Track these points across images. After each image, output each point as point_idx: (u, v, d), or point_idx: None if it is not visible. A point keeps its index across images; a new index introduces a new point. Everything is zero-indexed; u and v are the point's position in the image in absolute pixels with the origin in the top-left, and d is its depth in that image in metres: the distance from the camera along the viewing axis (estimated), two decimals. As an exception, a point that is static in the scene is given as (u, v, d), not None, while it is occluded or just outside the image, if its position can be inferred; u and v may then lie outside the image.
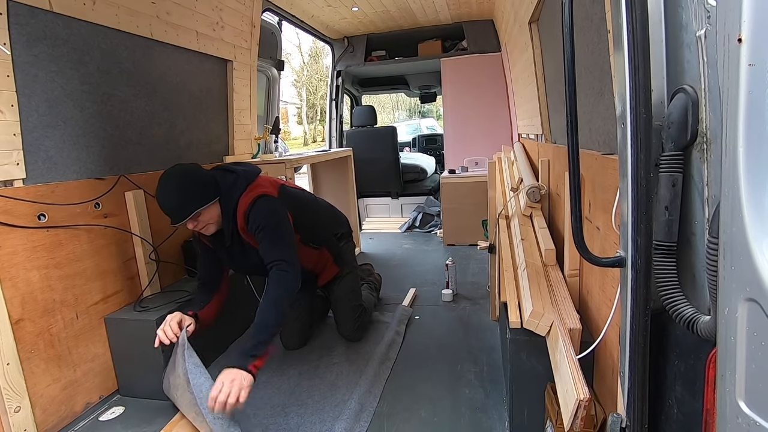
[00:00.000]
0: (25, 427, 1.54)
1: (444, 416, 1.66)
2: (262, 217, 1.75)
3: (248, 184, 1.82)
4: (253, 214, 1.75)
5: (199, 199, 1.69)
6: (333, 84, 5.02)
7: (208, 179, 1.75)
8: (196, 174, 1.73)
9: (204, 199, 1.70)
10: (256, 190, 1.80)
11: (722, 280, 0.62)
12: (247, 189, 1.80)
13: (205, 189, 1.72)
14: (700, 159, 0.75)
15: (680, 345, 0.83)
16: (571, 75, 0.86)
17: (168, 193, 1.67)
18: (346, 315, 2.22)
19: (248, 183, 1.82)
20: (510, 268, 1.80)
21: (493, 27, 4.48)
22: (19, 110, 1.58)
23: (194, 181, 1.71)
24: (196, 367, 1.60)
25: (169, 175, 1.69)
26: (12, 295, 1.54)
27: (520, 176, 2.46)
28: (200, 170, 1.77)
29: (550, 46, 2.16)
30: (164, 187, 1.68)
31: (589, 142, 1.45)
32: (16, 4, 1.55)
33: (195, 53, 2.54)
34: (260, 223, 1.75)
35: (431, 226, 4.63)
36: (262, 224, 1.75)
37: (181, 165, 1.76)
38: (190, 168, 1.75)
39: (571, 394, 1.01)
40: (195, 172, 1.74)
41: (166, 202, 1.68)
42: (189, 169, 1.75)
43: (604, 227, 1.24)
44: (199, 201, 1.69)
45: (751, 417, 0.55)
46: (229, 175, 1.82)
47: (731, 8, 0.57)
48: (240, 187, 1.79)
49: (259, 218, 1.75)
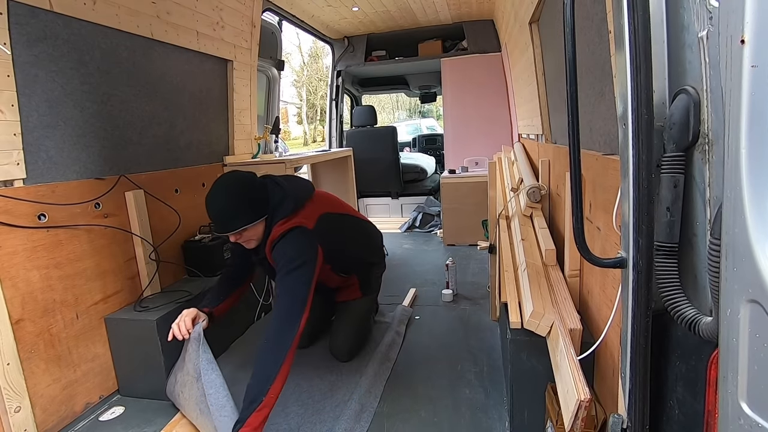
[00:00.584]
0: (25, 427, 1.54)
1: (444, 416, 1.66)
2: (286, 247, 1.67)
3: (293, 209, 1.73)
4: (280, 246, 1.68)
5: (250, 216, 1.65)
6: (333, 84, 5.02)
7: (261, 195, 1.69)
8: (252, 187, 1.67)
9: (254, 216, 1.66)
10: (294, 220, 1.72)
11: (724, 281, 0.61)
12: (288, 216, 1.72)
13: (258, 206, 1.67)
14: (702, 160, 0.75)
15: (682, 346, 0.83)
16: (572, 75, 0.86)
17: (220, 202, 1.63)
18: (346, 339, 2.11)
19: (294, 209, 1.73)
20: (510, 269, 1.80)
21: (493, 27, 4.48)
22: (19, 110, 1.58)
23: (249, 195, 1.66)
24: (209, 363, 1.57)
25: (224, 183, 1.65)
26: (12, 295, 1.54)
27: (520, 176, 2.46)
28: (256, 183, 1.70)
29: (550, 46, 2.16)
30: (218, 195, 1.63)
31: (589, 143, 1.44)
32: (17, 4, 1.55)
33: (195, 53, 2.54)
34: (282, 251, 1.67)
35: (431, 226, 4.63)
36: (283, 252, 1.66)
37: (238, 174, 1.71)
38: (247, 179, 1.69)
39: (571, 394, 1.01)
40: (251, 185, 1.68)
41: (217, 212, 1.64)
42: (246, 180, 1.69)
43: (605, 228, 1.23)
44: (250, 218, 1.65)
45: (753, 418, 0.55)
46: (278, 192, 1.74)
47: (734, 9, 0.57)
48: (283, 212, 1.72)
49: (284, 247, 1.67)
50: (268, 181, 1.78)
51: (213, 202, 1.64)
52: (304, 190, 1.87)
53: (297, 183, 1.89)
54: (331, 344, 2.12)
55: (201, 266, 2.32)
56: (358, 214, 2.31)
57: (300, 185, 1.88)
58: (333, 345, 2.11)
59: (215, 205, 1.64)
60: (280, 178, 1.84)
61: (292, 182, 1.86)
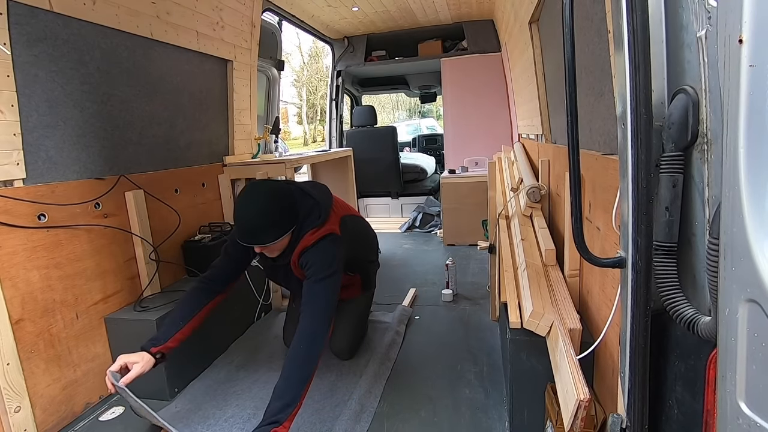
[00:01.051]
0: (25, 427, 1.54)
1: (444, 416, 1.66)
2: (317, 255, 1.65)
3: (323, 217, 1.72)
4: (312, 253, 1.66)
5: (280, 230, 1.62)
6: (333, 84, 5.03)
7: (292, 208, 1.66)
8: (283, 200, 1.64)
9: (286, 229, 1.63)
10: (325, 228, 1.70)
11: (723, 280, 0.62)
12: (319, 225, 1.70)
13: (289, 219, 1.64)
14: (701, 159, 0.75)
15: (681, 346, 0.83)
16: (571, 75, 0.86)
17: (251, 213, 1.59)
18: (348, 338, 2.12)
19: (324, 217, 1.72)
20: (510, 268, 1.80)
21: (493, 27, 4.48)
22: (19, 110, 1.58)
23: (281, 209, 1.62)
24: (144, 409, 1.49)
25: (258, 195, 1.61)
26: (12, 295, 1.54)
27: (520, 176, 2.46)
28: (288, 195, 1.66)
29: (550, 47, 2.16)
30: (249, 206, 1.59)
31: (589, 143, 1.45)
32: (16, 4, 1.55)
33: (195, 53, 2.54)
34: (313, 260, 1.64)
35: (431, 226, 4.63)
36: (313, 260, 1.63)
37: (271, 185, 1.68)
38: (281, 192, 1.65)
39: (571, 394, 1.01)
40: (283, 198, 1.64)
41: (249, 224, 1.59)
42: (280, 193, 1.64)
43: (605, 227, 1.23)
44: (279, 232, 1.62)
45: (751, 418, 0.55)
46: (307, 201, 1.72)
47: (732, 9, 0.57)
48: (313, 220, 1.70)
49: (315, 256, 1.65)
50: (294, 189, 1.75)
51: (245, 214, 1.59)
52: (328, 196, 1.85)
53: (321, 190, 1.86)
54: (333, 343, 2.11)
55: (201, 266, 2.32)
56: (359, 213, 2.32)
57: (323, 191, 1.86)
58: (334, 344, 2.11)
59: (247, 216, 1.59)
60: (305, 185, 1.82)
61: (318, 189, 1.83)
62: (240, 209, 1.61)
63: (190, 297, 1.73)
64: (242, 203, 1.61)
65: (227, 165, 2.86)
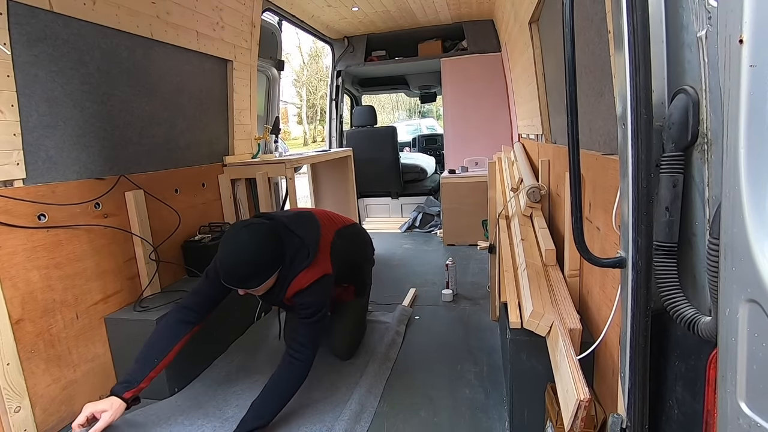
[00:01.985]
0: (25, 427, 1.54)
1: (444, 416, 1.66)
2: (312, 297, 1.68)
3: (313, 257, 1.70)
4: (307, 295, 1.68)
5: (265, 274, 1.60)
6: (333, 84, 5.02)
7: (278, 250, 1.63)
8: (269, 244, 1.60)
9: (269, 273, 1.62)
10: (317, 269, 1.70)
11: (723, 281, 0.62)
12: (310, 266, 1.69)
13: (274, 262, 1.62)
14: (701, 160, 0.75)
15: (681, 346, 0.83)
16: (571, 75, 0.86)
17: (235, 259, 1.55)
18: (347, 339, 2.13)
19: (313, 256, 1.70)
20: (510, 268, 1.80)
21: (493, 27, 4.48)
22: (19, 110, 1.58)
23: (267, 254, 1.59)
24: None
25: (242, 239, 1.57)
26: (12, 295, 1.54)
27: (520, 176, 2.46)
28: (273, 236, 1.62)
29: (550, 46, 2.16)
30: (233, 252, 1.55)
31: (589, 143, 1.45)
32: (16, 4, 1.55)
33: (195, 53, 2.54)
34: (308, 302, 1.67)
35: (431, 226, 4.63)
36: (309, 303, 1.67)
37: (254, 228, 1.61)
38: (264, 234, 1.61)
39: (571, 394, 1.01)
40: (268, 242, 1.60)
41: (231, 269, 1.55)
42: (263, 236, 1.60)
43: (605, 227, 1.23)
44: (265, 276, 1.60)
45: (752, 418, 0.55)
46: (294, 240, 1.69)
47: (732, 9, 0.57)
48: (302, 260, 1.68)
49: (310, 298, 1.68)
50: (281, 228, 1.70)
51: (228, 258, 1.55)
52: (314, 228, 1.81)
53: (306, 224, 1.81)
54: (332, 345, 2.12)
55: (201, 266, 2.31)
56: (348, 219, 2.28)
57: (309, 224, 1.82)
58: (334, 346, 2.12)
59: (230, 261, 1.55)
60: (290, 221, 1.76)
61: (303, 225, 1.78)
62: (224, 253, 1.56)
63: (165, 330, 1.66)
64: (226, 247, 1.56)
65: (227, 165, 2.86)
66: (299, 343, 1.66)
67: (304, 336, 1.67)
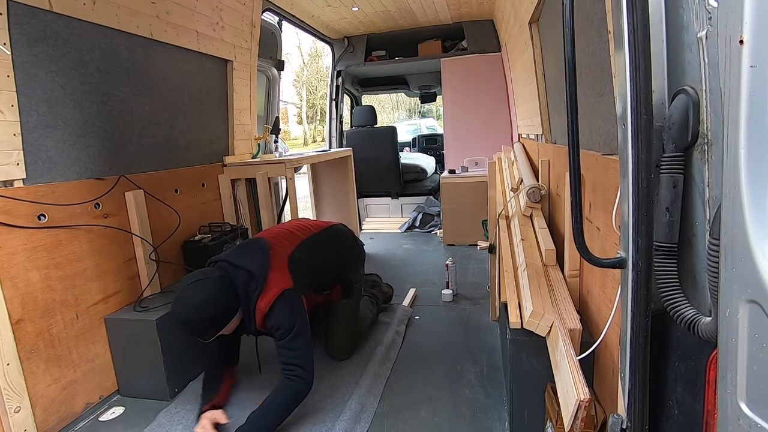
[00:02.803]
0: (25, 427, 1.54)
1: (444, 416, 1.66)
2: (279, 318, 1.66)
3: (263, 282, 1.68)
4: (272, 317, 1.66)
5: (221, 324, 1.61)
6: (333, 84, 5.02)
7: (228, 302, 1.61)
8: (214, 301, 1.58)
9: (222, 324, 1.62)
10: (272, 289, 1.67)
11: (723, 281, 0.61)
12: (264, 289, 1.67)
13: (226, 312, 1.62)
14: (701, 160, 0.75)
15: (681, 346, 0.83)
16: (571, 75, 0.86)
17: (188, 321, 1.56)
18: (341, 338, 2.13)
19: (263, 281, 1.68)
20: (510, 269, 1.80)
21: (493, 27, 4.48)
22: (19, 110, 1.58)
23: (213, 311, 1.58)
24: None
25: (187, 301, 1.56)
26: (12, 295, 1.54)
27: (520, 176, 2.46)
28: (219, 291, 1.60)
29: (550, 46, 2.16)
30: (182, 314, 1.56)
31: (589, 143, 1.44)
32: (16, 4, 1.55)
33: (195, 53, 2.54)
34: (277, 324, 1.66)
35: (431, 226, 4.63)
36: (278, 324, 1.66)
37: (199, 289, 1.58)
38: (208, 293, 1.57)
39: (571, 394, 1.01)
40: (214, 298, 1.58)
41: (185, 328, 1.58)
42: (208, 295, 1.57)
43: (605, 228, 1.23)
44: (220, 325, 1.61)
45: (752, 418, 0.55)
46: (241, 275, 1.67)
47: (732, 9, 0.57)
48: (255, 288, 1.66)
49: (277, 319, 1.66)
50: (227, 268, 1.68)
51: (180, 319, 1.57)
52: (261, 253, 1.77)
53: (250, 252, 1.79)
54: (328, 346, 2.13)
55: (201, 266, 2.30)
56: (321, 224, 2.23)
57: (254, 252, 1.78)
58: (329, 346, 2.13)
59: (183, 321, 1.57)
60: (234, 256, 1.74)
61: (246, 255, 1.75)
62: (174, 313, 1.58)
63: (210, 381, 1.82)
64: (175, 307, 1.57)
65: (227, 165, 2.86)
66: (288, 365, 1.66)
67: (287, 357, 1.66)
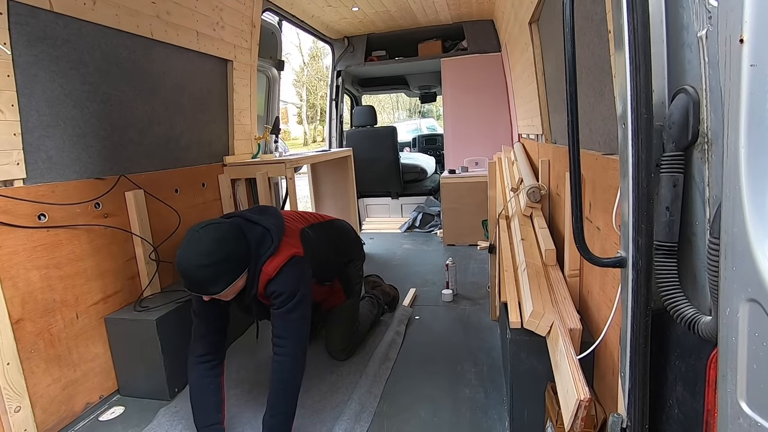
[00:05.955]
0: (25, 427, 1.54)
1: (444, 416, 1.66)
2: (283, 283, 1.53)
3: (277, 242, 1.57)
4: (277, 282, 1.53)
5: (229, 277, 1.46)
6: (333, 84, 5.02)
7: (241, 249, 1.49)
8: (228, 245, 1.45)
9: (234, 274, 1.47)
10: (283, 253, 1.56)
11: (723, 280, 0.62)
12: (276, 251, 1.55)
13: (238, 264, 1.48)
14: (701, 159, 0.75)
15: (681, 345, 0.83)
16: (571, 75, 0.86)
17: (193, 265, 1.40)
18: (336, 338, 2.12)
19: (278, 241, 1.57)
20: (510, 268, 1.80)
21: (493, 27, 4.48)
22: (19, 110, 1.58)
23: (228, 254, 1.44)
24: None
25: (198, 242, 1.42)
26: (12, 295, 1.54)
27: (520, 176, 2.46)
28: (234, 234, 1.48)
29: (550, 46, 2.16)
30: (190, 257, 1.40)
31: (589, 143, 1.45)
32: (17, 4, 1.55)
33: (195, 53, 2.54)
34: (280, 289, 1.52)
35: (431, 226, 4.63)
36: (281, 290, 1.52)
37: (211, 229, 1.45)
38: (222, 234, 1.46)
39: (571, 394, 1.01)
40: (229, 241, 1.46)
41: (192, 275, 1.41)
42: (221, 236, 1.45)
43: (605, 227, 1.23)
44: (229, 279, 1.46)
45: (752, 417, 0.55)
46: (256, 230, 1.57)
47: (733, 9, 0.57)
48: (268, 248, 1.55)
49: (281, 285, 1.53)
50: (241, 222, 1.58)
51: (186, 265, 1.40)
52: (277, 217, 1.68)
53: (269, 213, 1.69)
54: (328, 347, 2.14)
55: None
56: (326, 216, 2.23)
57: (271, 214, 1.69)
58: (329, 347, 2.13)
59: (189, 268, 1.40)
60: (250, 213, 1.66)
61: (264, 214, 1.67)
62: (180, 257, 1.41)
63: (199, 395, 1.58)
64: (182, 253, 1.42)
65: (227, 165, 2.86)
66: (277, 337, 1.52)
67: (280, 328, 1.52)
